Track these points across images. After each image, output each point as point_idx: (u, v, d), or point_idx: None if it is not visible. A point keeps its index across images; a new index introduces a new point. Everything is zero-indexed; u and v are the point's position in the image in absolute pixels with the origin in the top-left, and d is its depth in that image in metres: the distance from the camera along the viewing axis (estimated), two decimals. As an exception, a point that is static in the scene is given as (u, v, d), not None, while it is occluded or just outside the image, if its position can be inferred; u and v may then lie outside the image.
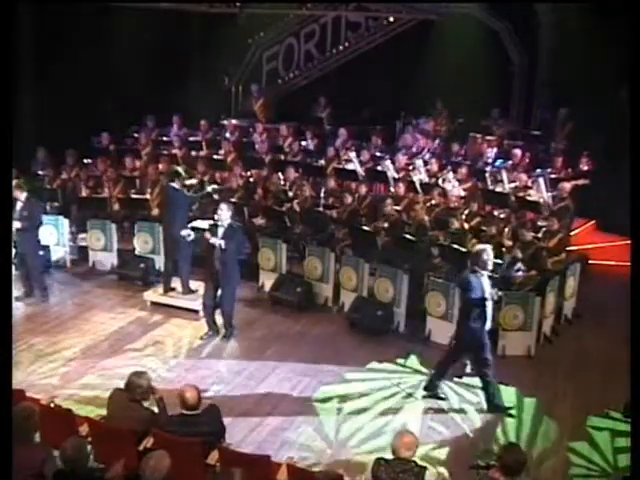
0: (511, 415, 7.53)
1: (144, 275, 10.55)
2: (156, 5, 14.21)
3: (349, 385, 8.10)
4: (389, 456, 5.14)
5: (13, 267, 9.42)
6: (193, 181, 11.23)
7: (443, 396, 7.89)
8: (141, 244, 10.94)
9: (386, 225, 10.68)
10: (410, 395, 7.94)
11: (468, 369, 8.35)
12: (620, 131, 10.15)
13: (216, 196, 11.60)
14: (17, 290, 9.62)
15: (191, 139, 14.31)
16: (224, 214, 8.73)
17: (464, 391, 8.03)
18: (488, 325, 7.52)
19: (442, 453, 6.94)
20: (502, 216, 11.13)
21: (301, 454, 6.70)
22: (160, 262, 10.53)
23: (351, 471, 6.40)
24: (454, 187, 11.70)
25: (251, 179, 12.76)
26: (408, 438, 5.11)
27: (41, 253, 10.24)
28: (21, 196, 9.57)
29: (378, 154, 13.42)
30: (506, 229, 10.51)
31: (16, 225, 9.45)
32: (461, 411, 7.69)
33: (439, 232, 10.38)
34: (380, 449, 6.61)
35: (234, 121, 15.44)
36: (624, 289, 6.38)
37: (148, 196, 12.05)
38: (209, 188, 11.09)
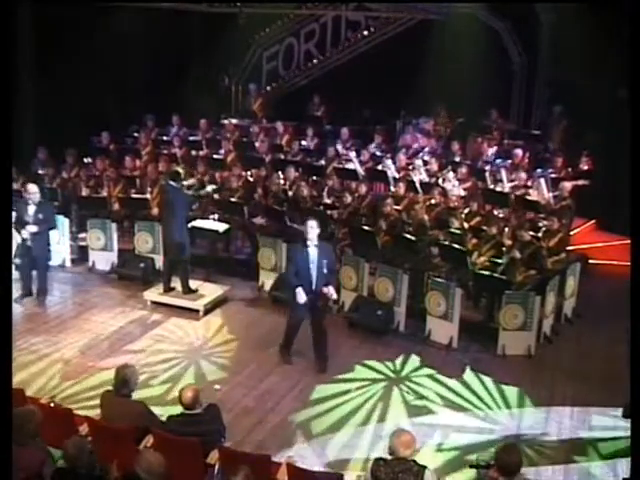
0: None
1: (144, 275, 10.55)
2: (156, 5, 14.20)
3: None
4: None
5: (13, 267, 9.43)
6: (192, 181, 11.22)
7: None
8: (141, 243, 10.94)
9: (386, 225, 10.67)
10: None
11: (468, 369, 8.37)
12: (620, 131, 10.15)
13: (216, 196, 11.62)
14: (16, 290, 9.61)
15: (191, 139, 14.29)
16: (314, 232, 8.13)
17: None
18: None
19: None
20: (502, 216, 11.13)
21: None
22: (160, 262, 10.53)
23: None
24: (454, 187, 11.70)
25: (251, 179, 12.76)
26: (406, 437, 5.05)
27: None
28: (35, 199, 9.61)
29: (378, 153, 13.42)
30: (506, 229, 10.51)
31: (32, 229, 9.50)
32: None
33: (439, 232, 10.36)
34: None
35: (234, 120, 15.42)
36: (624, 289, 6.37)
37: (148, 196, 12.05)
38: (209, 188, 11.09)
